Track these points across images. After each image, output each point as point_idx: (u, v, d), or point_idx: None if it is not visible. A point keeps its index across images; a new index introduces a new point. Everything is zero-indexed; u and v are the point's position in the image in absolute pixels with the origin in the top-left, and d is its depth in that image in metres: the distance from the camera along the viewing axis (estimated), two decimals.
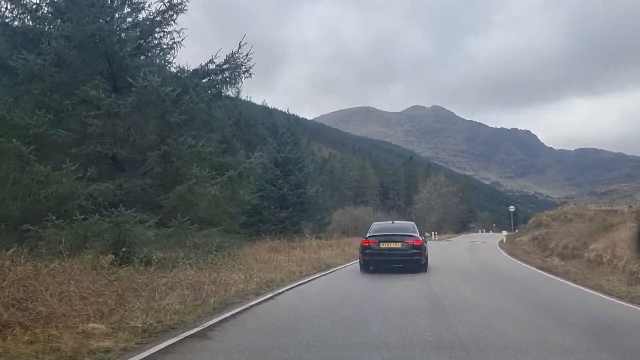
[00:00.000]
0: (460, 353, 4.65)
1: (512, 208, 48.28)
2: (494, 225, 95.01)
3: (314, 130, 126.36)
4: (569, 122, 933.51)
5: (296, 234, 23.44)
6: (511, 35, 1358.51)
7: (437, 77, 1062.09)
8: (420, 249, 12.57)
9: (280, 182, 27.44)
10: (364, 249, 12.80)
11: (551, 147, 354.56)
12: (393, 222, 15.66)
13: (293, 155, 28.96)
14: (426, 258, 13.16)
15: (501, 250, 25.91)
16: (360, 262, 13.16)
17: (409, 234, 12.91)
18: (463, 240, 40.83)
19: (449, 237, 48.05)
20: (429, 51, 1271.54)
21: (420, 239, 12.95)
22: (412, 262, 12.46)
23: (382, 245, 12.48)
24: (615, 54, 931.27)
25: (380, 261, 12.71)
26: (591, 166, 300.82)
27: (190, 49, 13.47)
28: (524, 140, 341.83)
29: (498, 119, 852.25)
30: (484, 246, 30.40)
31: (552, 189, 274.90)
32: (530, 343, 5.14)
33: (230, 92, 12.93)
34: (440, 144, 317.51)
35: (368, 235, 13.08)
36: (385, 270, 12.44)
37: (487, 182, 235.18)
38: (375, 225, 14.44)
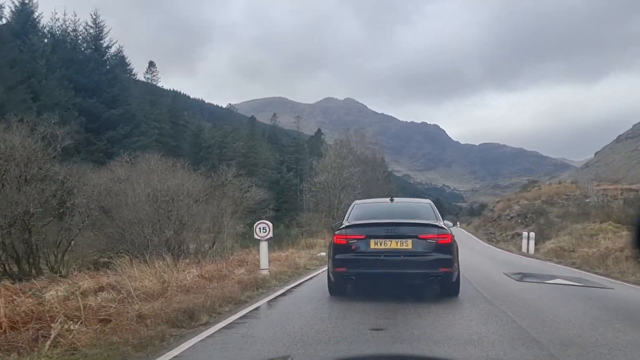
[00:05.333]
0: None
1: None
2: None
3: (221, 116, 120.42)
4: (478, 117, 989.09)
5: None
6: (440, 28, 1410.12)
7: (364, 67, 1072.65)
8: (451, 253, 6.19)
9: None
10: (337, 250, 6.32)
11: (457, 142, 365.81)
12: (392, 200, 7.87)
13: None
14: (458, 269, 6.45)
15: None
16: (329, 276, 6.72)
17: (427, 222, 6.38)
18: None
19: None
20: (360, 40, 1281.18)
21: (449, 232, 6.34)
22: (438, 278, 6.20)
23: (373, 245, 6.14)
24: (535, 51, 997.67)
25: (371, 275, 6.28)
26: (494, 160, 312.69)
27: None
28: (433, 135, 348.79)
29: (409, 112, 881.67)
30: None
31: (458, 182, 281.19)
32: None
33: None
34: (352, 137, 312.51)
35: (346, 224, 6.53)
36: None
37: (398, 175, 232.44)
38: (359, 205, 7.45)
